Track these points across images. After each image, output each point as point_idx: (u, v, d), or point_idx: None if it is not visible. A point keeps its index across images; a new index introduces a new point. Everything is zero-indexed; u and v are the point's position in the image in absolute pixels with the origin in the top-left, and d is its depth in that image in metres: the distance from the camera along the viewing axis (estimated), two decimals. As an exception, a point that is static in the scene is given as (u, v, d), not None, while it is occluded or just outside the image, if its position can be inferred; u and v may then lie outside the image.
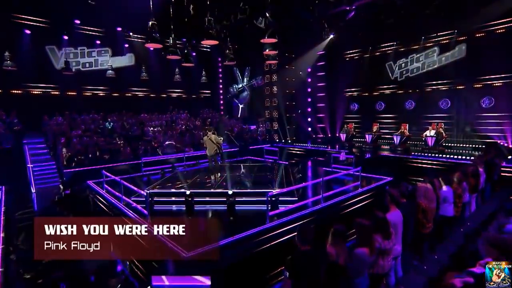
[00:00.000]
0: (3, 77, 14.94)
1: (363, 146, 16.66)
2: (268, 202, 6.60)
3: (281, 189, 7.56)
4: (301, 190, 8.49)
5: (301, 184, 8.12)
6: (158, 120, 17.62)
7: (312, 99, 21.11)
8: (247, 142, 18.24)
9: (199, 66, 21.50)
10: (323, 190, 7.60)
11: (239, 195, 7.90)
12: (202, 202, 7.91)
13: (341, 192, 8.33)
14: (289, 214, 6.81)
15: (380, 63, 17.63)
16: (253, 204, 7.74)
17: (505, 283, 2.48)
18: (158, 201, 7.88)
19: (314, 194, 8.36)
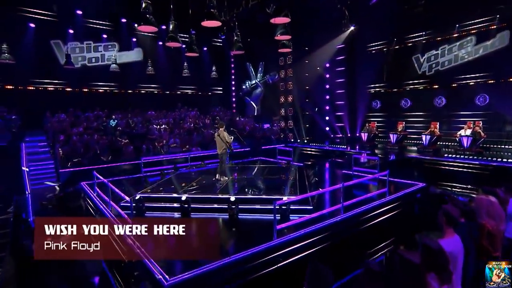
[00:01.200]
0: (6, 73, 14.55)
1: (387, 147, 15.22)
2: (276, 212, 5.44)
3: (293, 197, 6.37)
4: (317, 197, 7.29)
5: (318, 191, 6.88)
6: (165, 118, 16.77)
7: (331, 96, 19.73)
8: (259, 141, 17.10)
9: (210, 61, 20.63)
10: (343, 198, 6.36)
11: (244, 202, 6.79)
12: (201, 209, 6.82)
13: (365, 201, 7.04)
14: (302, 227, 5.61)
15: (406, 56, 16.12)
16: (260, 213, 6.61)
17: (505, 283, 2.44)
18: (150, 207, 6.87)
19: (332, 203, 7.14)
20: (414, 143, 15.01)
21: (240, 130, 18.14)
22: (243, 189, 7.82)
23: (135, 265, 4.74)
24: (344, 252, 5.89)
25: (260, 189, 7.85)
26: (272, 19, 7.80)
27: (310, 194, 6.52)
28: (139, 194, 7.22)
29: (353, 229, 6.34)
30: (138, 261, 4.67)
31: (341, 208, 6.36)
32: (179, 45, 9.31)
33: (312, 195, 6.74)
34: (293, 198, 6.16)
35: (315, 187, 8.29)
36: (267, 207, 6.50)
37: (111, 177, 10.12)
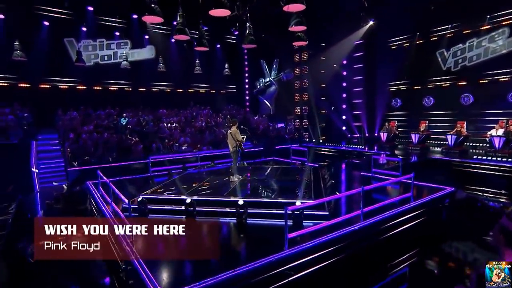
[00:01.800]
0: (20, 71, 14.60)
1: (408, 148, 14.35)
2: (288, 218, 4.88)
3: (308, 201, 5.78)
4: (334, 202, 6.67)
5: (335, 195, 6.24)
6: (176, 116, 16.46)
7: (348, 94, 18.97)
8: (273, 141, 16.54)
9: (223, 58, 20.24)
10: (363, 203, 5.73)
11: (254, 206, 6.26)
12: (207, 212, 6.33)
13: (386, 207, 6.36)
14: (317, 236, 5.03)
15: (430, 51, 15.18)
16: (271, 218, 6.07)
17: (505, 283, 2.43)
18: (154, 209, 6.45)
19: (350, 208, 6.51)
20: (437, 144, 14.08)
21: (253, 129, 17.64)
22: (253, 191, 7.30)
23: (130, 273, 4.32)
24: (363, 264, 5.28)
25: (271, 191, 7.30)
26: (285, 7, 7.18)
27: (327, 199, 5.93)
28: (142, 195, 6.81)
29: (374, 239, 5.70)
30: (133, 269, 4.26)
31: (360, 214, 5.74)
32: (187, 38, 8.89)
33: (329, 200, 6.12)
34: (307, 203, 5.57)
35: (331, 190, 7.67)
36: (279, 212, 5.97)
37: (118, 176, 9.89)
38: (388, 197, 7.24)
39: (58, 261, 5.01)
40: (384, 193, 7.55)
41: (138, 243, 4.58)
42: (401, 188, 8.00)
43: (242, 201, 5.95)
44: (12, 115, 13.04)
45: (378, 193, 7.31)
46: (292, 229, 5.12)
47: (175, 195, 6.92)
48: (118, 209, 5.96)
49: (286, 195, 6.87)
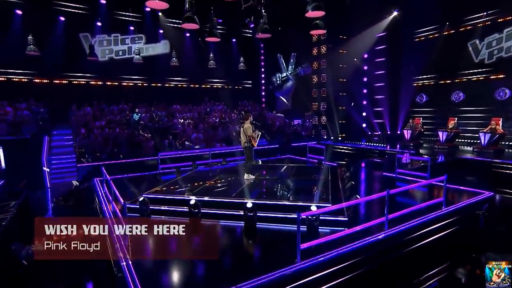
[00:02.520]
0: (36, 66, 14.62)
1: (435, 146, 13.34)
2: (303, 224, 4.26)
3: (324, 206, 5.12)
4: (353, 206, 5.97)
5: (356, 200, 5.51)
6: (190, 112, 16.06)
7: (369, 90, 17.98)
8: (289, 138, 15.86)
9: (238, 53, 19.67)
10: (388, 209, 5.01)
11: (264, 209, 5.67)
12: (213, 215, 5.79)
13: (413, 213, 5.59)
14: (334, 246, 4.37)
15: (460, 42, 14.02)
16: (283, 223, 5.46)
17: (505, 283, 2.46)
18: (156, 210, 5.98)
19: (372, 214, 5.79)
20: (468, 143, 12.99)
21: (269, 126, 17.02)
22: (265, 193, 6.69)
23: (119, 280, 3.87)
24: (387, 279, 4.60)
25: (285, 193, 6.67)
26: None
27: (346, 204, 5.23)
28: (145, 195, 6.36)
29: (399, 250, 4.99)
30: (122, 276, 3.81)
31: (385, 221, 5.03)
32: (196, 27, 8.35)
33: (349, 205, 5.42)
34: (323, 210, 4.90)
35: (351, 193, 6.95)
36: (292, 216, 5.35)
37: (126, 173, 9.55)
38: (415, 202, 6.46)
39: (51, 265, 4.70)
40: (411, 197, 6.77)
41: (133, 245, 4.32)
42: (429, 191, 7.18)
43: (251, 204, 5.36)
44: (27, 110, 13.02)
45: (404, 197, 6.54)
46: (306, 237, 4.51)
47: (180, 195, 6.41)
48: (117, 209, 5.52)
49: (301, 197, 6.23)
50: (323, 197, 6.12)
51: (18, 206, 6.52)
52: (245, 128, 7.58)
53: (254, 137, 7.69)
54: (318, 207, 5.42)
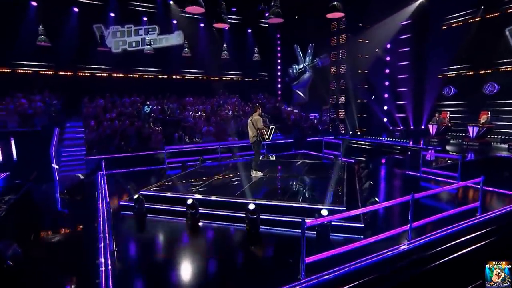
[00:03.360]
0: (51, 58, 14.54)
1: (464, 143, 12.20)
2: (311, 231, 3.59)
3: (336, 215, 4.39)
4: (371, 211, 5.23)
5: (375, 205, 4.74)
6: (203, 105, 15.56)
7: (391, 82, 16.82)
8: (304, 132, 15.07)
9: (254, 44, 18.96)
10: (412, 216, 4.25)
11: (270, 211, 5.04)
12: (213, 216, 5.21)
13: (443, 220, 4.78)
14: (346, 259, 3.67)
15: (497, 28, 12.63)
16: (290, 228, 4.80)
17: (505, 283, 2.42)
18: (153, 208, 5.47)
19: (393, 220, 5.03)
20: (502, 139, 11.76)
21: (284, 120, 16.29)
22: (272, 192, 6.04)
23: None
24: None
25: (294, 193, 5.99)
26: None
27: (363, 210, 4.47)
28: (142, 191, 5.87)
29: (425, 265, 4.21)
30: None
31: (408, 230, 4.27)
32: (201, 11, 7.73)
33: (366, 211, 4.66)
34: (335, 216, 4.16)
35: (369, 194, 6.17)
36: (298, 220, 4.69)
37: (132, 167, 9.17)
38: (444, 206, 5.62)
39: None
40: (439, 201, 5.92)
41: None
42: (461, 194, 6.29)
43: (253, 205, 4.74)
44: (41, 102, 12.93)
45: (431, 200, 5.71)
46: (315, 246, 3.85)
47: (178, 193, 5.86)
48: (104, 210, 5.06)
49: (311, 198, 5.53)
50: (337, 200, 5.40)
51: (14, 201, 6.19)
52: (255, 120, 6.94)
53: (266, 129, 7.04)
54: (330, 211, 4.73)
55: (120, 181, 7.59)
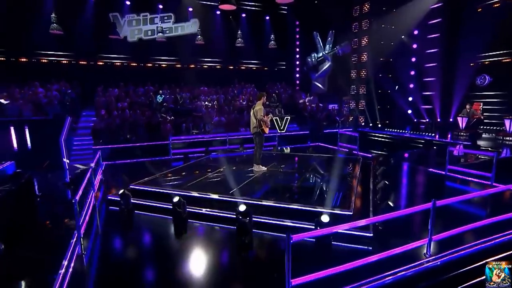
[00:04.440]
0: (68, 47, 14.44)
1: (498, 138, 10.85)
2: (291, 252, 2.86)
3: (338, 226, 3.62)
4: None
5: (385, 215, 3.92)
6: (216, 94, 14.96)
7: (417, 71, 15.37)
8: (321, 124, 14.14)
9: (272, 32, 18.04)
10: (432, 227, 3.42)
11: (264, 212, 4.37)
12: (202, 216, 4.60)
13: (470, 233, 3.89)
14: (349, 279, 2.94)
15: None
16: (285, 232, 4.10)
17: (505, 283, 2.32)
18: (140, 204, 4.95)
19: (408, 230, 4.19)
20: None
21: (300, 110, 15.40)
22: (272, 190, 5.32)
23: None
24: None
25: (296, 192, 5.25)
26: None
27: (370, 220, 3.65)
28: (132, 185, 5.36)
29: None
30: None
31: (426, 245, 3.45)
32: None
33: (374, 222, 3.84)
34: (333, 228, 3.36)
35: (383, 195, 5.33)
36: (295, 225, 3.99)
37: (137, 157, 8.79)
38: (475, 214, 4.70)
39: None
40: (466, 206, 4.96)
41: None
42: (495, 199, 5.29)
43: (244, 206, 4.08)
44: (57, 91, 12.84)
45: (458, 204, 4.78)
46: (313, 256, 3.15)
47: (169, 188, 5.28)
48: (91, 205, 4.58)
49: (314, 198, 4.78)
50: (343, 202, 4.60)
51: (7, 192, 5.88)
52: (256, 110, 6.22)
53: (266, 121, 6.30)
54: (333, 216, 3.98)
55: (118, 173, 7.19)
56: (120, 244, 4.17)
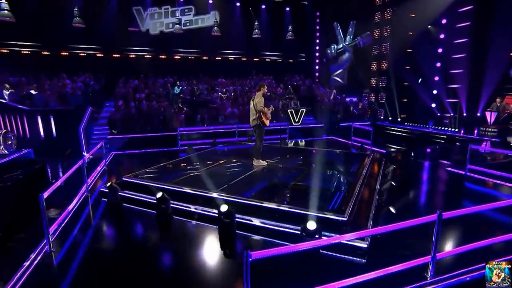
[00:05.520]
0: (93, 41, 14.52)
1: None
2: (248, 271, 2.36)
3: (323, 239, 3.02)
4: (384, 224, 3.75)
5: (380, 228, 3.22)
6: (233, 86, 14.47)
7: (443, 63, 13.91)
8: (338, 117, 13.26)
9: (292, 23, 17.13)
10: (437, 243, 2.74)
11: (247, 213, 3.86)
12: (187, 213, 4.18)
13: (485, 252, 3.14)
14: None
15: None
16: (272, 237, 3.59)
17: (505, 283, 2.25)
18: (129, 197, 4.63)
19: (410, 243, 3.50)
20: None
21: (317, 103, 14.55)
22: (265, 188, 4.78)
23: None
24: None
25: (290, 192, 4.66)
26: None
27: (359, 234, 3.01)
28: (125, 178, 5.05)
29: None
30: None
31: (429, 263, 2.79)
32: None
33: (366, 235, 3.17)
34: (314, 243, 2.82)
35: (388, 199, 4.62)
36: (284, 229, 3.46)
37: (144, 148, 8.56)
38: (494, 225, 3.89)
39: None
40: (487, 216, 4.15)
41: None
42: None
43: (226, 207, 3.59)
44: (81, 83, 12.96)
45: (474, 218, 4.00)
46: (295, 268, 2.62)
47: (158, 182, 4.89)
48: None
49: (306, 200, 4.18)
50: (340, 206, 3.96)
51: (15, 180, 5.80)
52: (256, 102, 5.65)
53: (266, 112, 5.72)
54: (325, 221, 3.40)
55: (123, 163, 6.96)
56: (99, 237, 3.84)
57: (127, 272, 3.03)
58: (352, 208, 3.86)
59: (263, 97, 5.70)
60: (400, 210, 4.31)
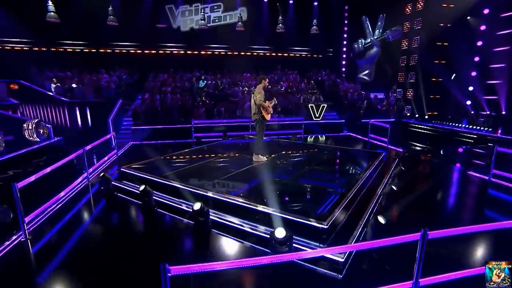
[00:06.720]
0: (128, 38, 14.89)
1: None
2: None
3: (281, 255, 2.58)
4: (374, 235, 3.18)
5: (356, 244, 2.66)
6: (255, 80, 14.03)
7: (482, 57, 12.17)
8: (359, 113, 12.29)
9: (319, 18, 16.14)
10: (420, 265, 2.17)
11: (232, 210, 3.51)
12: (170, 208, 3.93)
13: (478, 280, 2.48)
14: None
15: None
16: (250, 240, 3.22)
17: (505, 283, 2.17)
18: (122, 188, 4.51)
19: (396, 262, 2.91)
20: None
21: (340, 98, 13.63)
22: (257, 188, 4.38)
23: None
24: None
25: (281, 192, 4.20)
26: None
27: (347, 247, 2.48)
28: (123, 168, 4.95)
29: None
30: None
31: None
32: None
33: (339, 252, 2.64)
34: (273, 258, 2.39)
35: (386, 206, 3.97)
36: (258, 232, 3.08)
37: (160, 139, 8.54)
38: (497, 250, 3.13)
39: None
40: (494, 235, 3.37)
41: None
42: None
43: (199, 205, 3.27)
44: (117, 77, 13.39)
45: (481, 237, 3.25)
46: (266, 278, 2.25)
47: (152, 174, 4.70)
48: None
49: (296, 202, 3.71)
50: (325, 213, 3.43)
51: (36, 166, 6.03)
52: (256, 94, 5.22)
53: (265, 106, 5.26)
54: (303, 228, 2.94)
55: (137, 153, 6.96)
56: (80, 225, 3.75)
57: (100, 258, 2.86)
58: (339, 214, 3.32)
59: (263, 90, 5.25)
60: (397, 219, 3.67)
